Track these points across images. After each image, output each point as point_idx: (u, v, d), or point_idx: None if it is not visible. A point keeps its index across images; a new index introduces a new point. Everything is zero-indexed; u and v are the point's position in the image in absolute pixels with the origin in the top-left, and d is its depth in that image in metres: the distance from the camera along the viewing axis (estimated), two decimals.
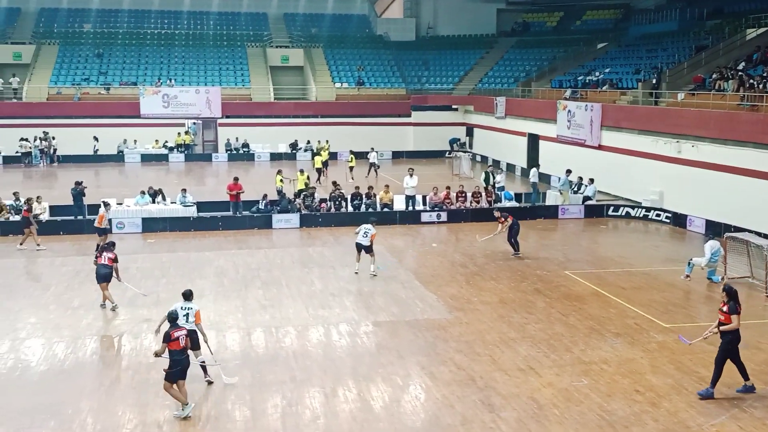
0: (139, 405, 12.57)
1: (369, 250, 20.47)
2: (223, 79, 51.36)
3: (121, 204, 27.83)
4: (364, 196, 28.96)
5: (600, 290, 19.37)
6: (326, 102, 50.51)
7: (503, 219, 23.04)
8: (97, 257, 17.88)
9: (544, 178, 36.41)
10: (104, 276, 17.38)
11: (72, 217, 26.53)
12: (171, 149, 46.82)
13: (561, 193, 31.06)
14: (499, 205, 29.66)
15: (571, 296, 18.88)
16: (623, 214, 29.50)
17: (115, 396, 12.94)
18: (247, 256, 22.92)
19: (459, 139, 49.92)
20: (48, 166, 43.68)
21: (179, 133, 47.26)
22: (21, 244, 23.73)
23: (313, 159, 40.01)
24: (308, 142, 47.92)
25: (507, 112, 44.02)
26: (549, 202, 31.45)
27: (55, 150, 44.48)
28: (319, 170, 37.01)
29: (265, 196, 28.46)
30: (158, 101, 47.35)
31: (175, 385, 12.03)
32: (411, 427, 11.92)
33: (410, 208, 29.15)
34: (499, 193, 30.63)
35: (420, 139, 50.12)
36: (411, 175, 29.45)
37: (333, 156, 43.06)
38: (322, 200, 28.73)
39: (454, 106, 51.07)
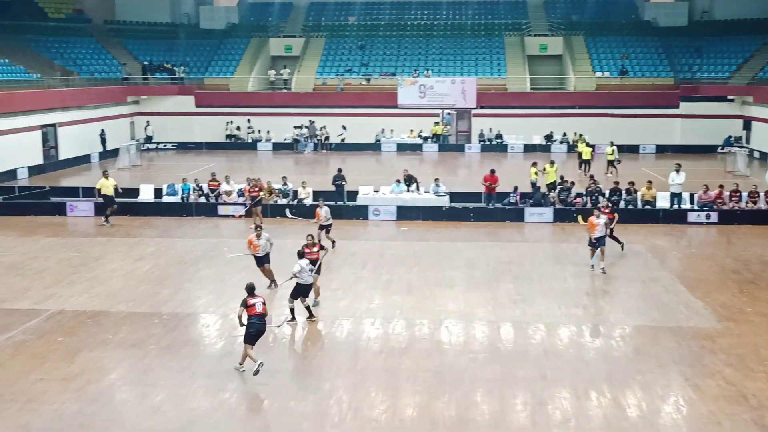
0: (391, 388, 12.84)
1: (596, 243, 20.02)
2: (479, 69, 51.44)
3: (377, 191, 28.82)
4: (623, 192, 27.43)
5: None
6: (585, 92, 48.71)
7: (611, 213, 21.71)
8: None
9: None
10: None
11: (333, 203, 27.89)
12: (425, 139, 47.86)
13: None
14: None
15: None
16: None
17: (369, 377, 13.31)
18: (498, 249, 22.64)
19: (732, 136, 45.68)
20: (315, 152, 46.54)
21: (436, 123, 48.11)
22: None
23: (575, 151, 38.58)
24: (564, 134, 46.57)
25: None
26: None
27: (327, 138, 47.31)
28: (588, 162, 35.87)
29: (515, 188, 27.99)
30: (415, 91, 48.51)
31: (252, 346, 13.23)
32: None
33: (675, 206, 27.14)
34: None
35: (688, 133, 46.45)
36: (677, 171, 27.35)
37: None
38: (578, 194, 27.66)
39: (729, 97, 46.71)
